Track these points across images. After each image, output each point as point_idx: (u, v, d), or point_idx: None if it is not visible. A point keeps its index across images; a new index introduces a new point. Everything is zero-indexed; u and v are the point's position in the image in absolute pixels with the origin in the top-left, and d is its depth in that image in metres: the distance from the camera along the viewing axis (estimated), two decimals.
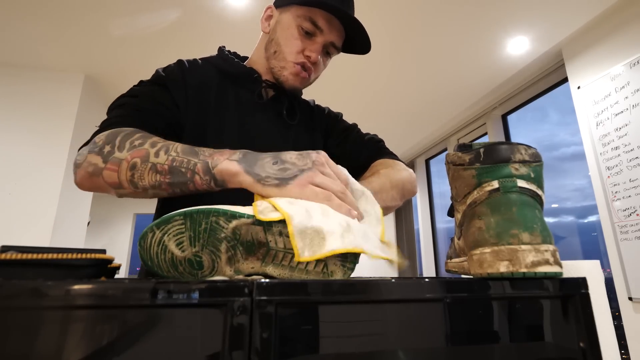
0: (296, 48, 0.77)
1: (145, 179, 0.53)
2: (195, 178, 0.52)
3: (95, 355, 0.29)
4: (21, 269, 0.35)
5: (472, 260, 0.42)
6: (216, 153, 0.52)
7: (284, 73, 0.79)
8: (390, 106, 3.22)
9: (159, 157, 0.53)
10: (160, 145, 0.54)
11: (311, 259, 0.40)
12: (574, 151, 2.68)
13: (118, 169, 0.54)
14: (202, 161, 0.52)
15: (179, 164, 0.52)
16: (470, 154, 0.44)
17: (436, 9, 2.11)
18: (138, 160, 0.53)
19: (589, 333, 0.38)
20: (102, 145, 0.57)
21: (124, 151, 0.55)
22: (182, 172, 0.52)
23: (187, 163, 0.52)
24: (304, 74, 0.79)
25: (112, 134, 0.58)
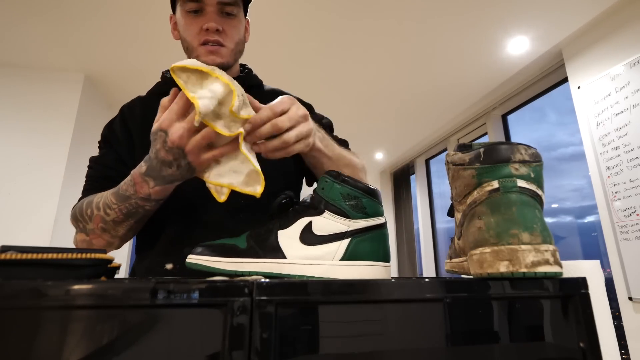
0: (193, 31, 0.76)
1: (119, 230, 0.67)
2: (146, 208, 0.63)
3: (95, 355, 0.29)
4: (21, 269, 0.35)
5: (472, 260, 0.42)
6: (137, 185, 0.62)
7: (201, 59, 0.76)
8: (390, 106, 3.22)
9: (110, 215, 0.65)
10: (102, 205, 0.66)
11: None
12: (572, 151, 2.68)
13: (97, 235, 0.68)
14: (136, 199, 0.62)
15: (127, 210, 0.64)
16: (470, 154, 0.44)
17: (436, 9, 2.11)
18: (102, 225, 0.67)
19: (589, 333, 0.38)
20: (76, 224, 0.72)
21: (89, 223, 0.68)
22: (134, 212, 0.64)
23: (130, 206, 0.63)
24: (214, 48, 0.76)
25: (76, 211, 0.72)
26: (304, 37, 2.34)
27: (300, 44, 2.42)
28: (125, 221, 0.65)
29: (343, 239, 0.45)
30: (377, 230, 0.47)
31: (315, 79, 2.81)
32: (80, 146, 2.60)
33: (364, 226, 0.46)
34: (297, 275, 0.43)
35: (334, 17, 2.18)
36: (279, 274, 0.44)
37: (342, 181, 0.47)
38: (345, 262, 0.44)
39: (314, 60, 2.57)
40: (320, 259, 0.44)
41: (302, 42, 2.39)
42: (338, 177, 0.47)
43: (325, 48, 2.45)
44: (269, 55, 2.50)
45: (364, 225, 0.46)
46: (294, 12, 2.13)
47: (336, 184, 0.47)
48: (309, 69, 2.69)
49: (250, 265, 0.45)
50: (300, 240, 0.46)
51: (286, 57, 2.54)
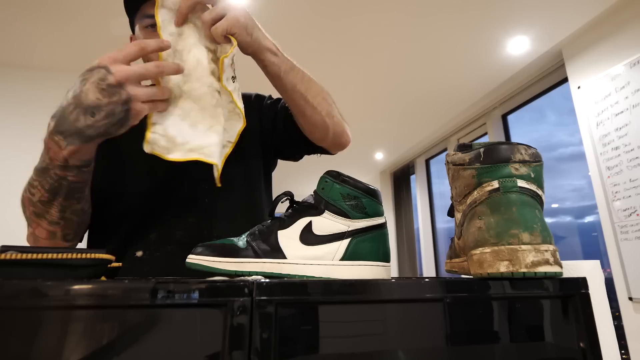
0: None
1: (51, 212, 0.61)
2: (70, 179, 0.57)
3: (95, 355, 0.29)
4: (21, 269, 0.35)
5: (472, 260, 0.42)
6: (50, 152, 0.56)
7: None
8: (390, 106, 3.22)
9: (35, 194, 0.59)
10: (27, 184, 0.62)
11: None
12: (572, 152, 2.68)
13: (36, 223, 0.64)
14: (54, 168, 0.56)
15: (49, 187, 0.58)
16: (470, 154, 0.44)
17: (436, 9, 2.11)
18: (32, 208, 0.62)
19: (589, 333, 0.38)
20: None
21: (25, 210, 0.65)
22: (57, 186, 0.57)
23: (52, 180, 0.57)
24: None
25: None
26: (303, 37, 2.34)
27: (299, 44, 2.42)
28: (53, 200, 0.58)
29: (343, 239, 0.45)
30: (377, 230, 0.47)
31: (315, 79, 2.80)
32: None
33: (364, 226, 0.46)
34: (297, 275, 0.43)
35: (334, 17, 2.18)
36: (279, 274, 0.44)
37: (342, 181, 0.47)
38: (345, 262, 0.44)
39: (313, 60, 2.57)
40: (320, 259, 0.44)
41: (301, 42, 2.39)
42: (338, 177, 0.47)
43: (325, 48, 2.45)
44: None
45: (364, 225, 0.46)
46: (293, 12, 2.13)
47: (336, 184, 0.47)
48: (308, 69, 2.68)
49: (250, 265, 0.45)
50: (300, 240, 0.45)
51: None
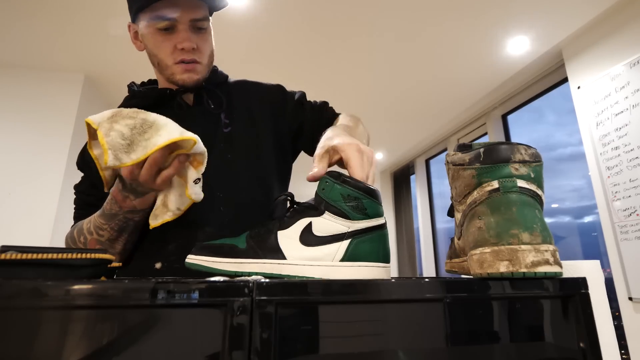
0: (168, 50, 0.75)
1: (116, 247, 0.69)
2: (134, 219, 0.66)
3: (95, 355, 0.28)
4: (21, 269, 0.35)
5: (472, 260, 0.42)
6: (120, 202, 0.64)
7: (177, 77, 0.77)
8: (391, 106, 3.22)
9: (103, 236, 0.67)
10: (93, 228, 0.68)
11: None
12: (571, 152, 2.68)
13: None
14: (123, 214, 0.65)
15: (118, 228, 0.66)
16: (470, 154, 0.44)
17: (436, 9, 2.11)
18: (99, 246, 0.68)
19: (589, 333, 0.38)
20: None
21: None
22: (125, 227, 0.66)
23: (121, 222, 0.66)
24: (190, 66, 0.77)
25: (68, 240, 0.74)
26: (302, 37, 2.34)
27: (299, 44, 2.42)
28: (120, 237, 0.67)
29: (343, 240, 0.45)
30: (377, 231, 0.47)
31: (315, 79, 2.81)
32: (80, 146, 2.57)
33: (364, 227, 0.46)
34: (297, 276, 0.43)
35: (333, 18, 2.18)
36: (279, 274, 0.44)
37: (343, 182, 0.47)
38: (345, 263, 0.44)
39: (313, 60, 2.57)
40: (320, 259, 0.44)
41: (301, 42, 2.39)
42: (339, 178, 0.47)
43: (325, 48, 2.45)
44: (268, 56, 2.50)
45: (364, 226, 0.46)
46: (293, 12, 2.13)
47: (337, 184, 0.46)
48: (308, 69, 2.69)
49: (249, 266, 0.45)
50: (300, 241, 0.45)
51: (285, 58, 2.54)
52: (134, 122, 0.54)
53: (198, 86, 0.81)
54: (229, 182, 0.76)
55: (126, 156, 0.53)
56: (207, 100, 0.83)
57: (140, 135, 0.53)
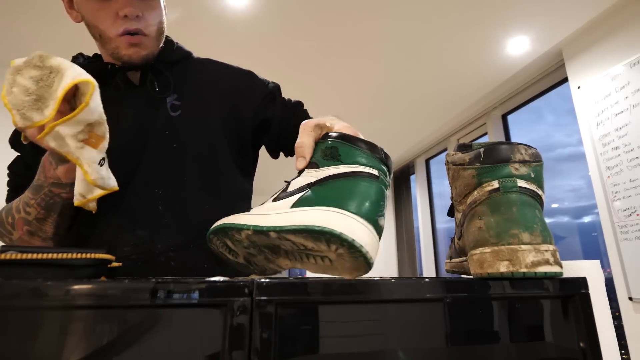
0: (108, 19, 0.65)
1: (46, 230, 0.62)
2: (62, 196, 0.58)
3: (95, 355, 0.29)
4: (21, 269, 0.35)
5: (472, 260, 0.42)
6: (45, 171, 0.57)
7: (121, 52, 0.67)
8: (390, 106, 3.22)
9: (30, 213, 0.60)
10: (21, 206, 0.61)
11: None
12: (570, 152, 2.68)
13: (26, 241, 0.63)
14: (48, 185, 0.58)
15: (45, 203, 0.59)
16: (470, 154, 0.44)
17: (436, 9, 2.11)
18: (27, 227, 0.61)
19: (589, 333, 0.38)
20: (2, 239, 0.67)
21: (13, 232, 0.63)
22: (52, 203, 0.59)
23: (47, 196, 0.59)
24: (136, 39, 0.66)
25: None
26: (302, 37, 2.34)
27: (299, 44, 2.42)
28: (48, 216, 0.60)
29: (306, 189, 0.41)
30: (351, 177, 0.40)
31: (315, 79, 2.81)
32: None
33: (331, 174, 0.41)
34: (248, 225, 0.41)
35: (333, 17, 2.18)
36: (233, 224, 0.43)
37: (325, 136, 0.45)
38: (295, 208, 0.40)
39: (313, 60, 2.57)
40: (277, 209, 0.42)
41: (301, 42, 2.39)
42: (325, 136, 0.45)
43: (324, 48, 2.45)
44: (267, 55, 2.50)
45: (331, 172, 0.41)
46: (293, 12, 2.13)
47: (320, 142, 0.45)
48: (308, 69, 2.68)
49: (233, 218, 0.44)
50: (272, 200, 0.44)
51: (285, 57, 2.54)
52: (41, 72, 0.45)
53: (147, 63, 0.71)
54: (171, 177, 0.67)
55: (37, 114, 0.44)
56: (150, 81, 0.72)
57: (49, 88, 0.45)
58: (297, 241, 0.39)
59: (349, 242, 0.36)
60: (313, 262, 0.41)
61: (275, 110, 0.79)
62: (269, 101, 0.80)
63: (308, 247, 0.39)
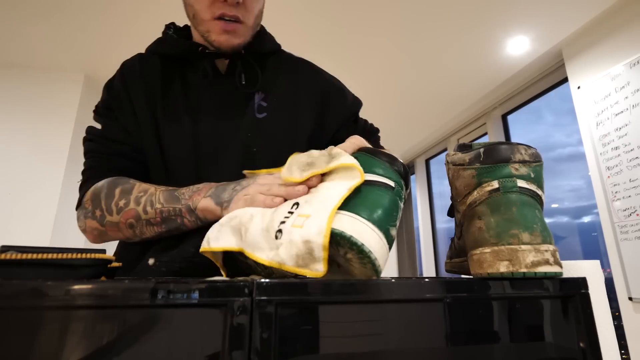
0: (206, 1, 0.62)
1: (145, 232, 0.58)
2: (185, 221, 0.55)
3: (95, 355, 0.29)
4: (21, 269, 0.35)
5: (472, 260, 0.42)
6: (195, 193, 0.55)
7: (212, 37, 0.64)
8: (390, 106, 3.22)
9: (148, 213, 0.56)
10: (145, 200, 0.57)
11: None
12: (569, 152, 2.68)
13: (118, 229, 0.59)
14: (184, 205, 0.54)
15: (167, 214, 0.55)
16: (470, 154, 0.44)
17: (436, 9, 2.11)
18: (132, 221, 0.57)
19: (589, 333, 0.38)
20: (92, 210, 0.61)
21: (114, 214, 0.58)
22: (172, 220, 0.56)
23: (174, 211, 0.55)
24: (230, 26, 0.63)
25: (94, 196, 0.61)
26: (303, 37, 2.34)
27: (299, 44, 2.42)
28: (158, 226, 0.56)
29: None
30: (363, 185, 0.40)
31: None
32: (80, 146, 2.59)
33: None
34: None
35: (333, 17, 2.18)
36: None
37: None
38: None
39: (312, 60, 2.57)
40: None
41: (301, 42, 2.39)
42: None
43: (324, 48, 2.45)
44: None
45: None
46: (293, 12, 2.13)
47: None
48: None
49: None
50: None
51: None
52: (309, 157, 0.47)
53: (236, 52, 0.67)
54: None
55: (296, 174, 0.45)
56: (239, 73, 0.68)
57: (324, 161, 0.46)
58: None
59: (358, 245, 0.36)
60: None
61: (354, 132, 0.79)
62: (352, 122, 0.78)
63: None
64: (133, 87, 0.68)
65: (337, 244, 0.37)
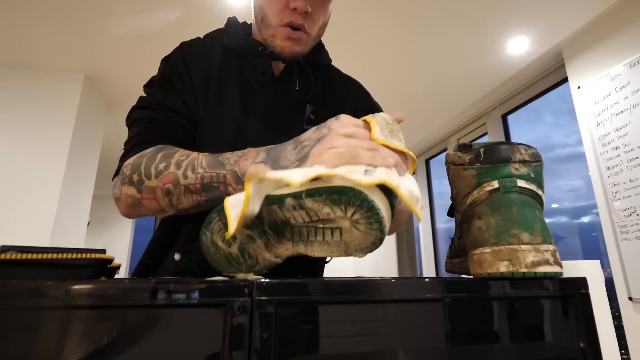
0: (278, 6, 0.64)
1: (183, 201, 0.53)
2: (229, 189, 0.50)
3: (95, 355, 0.28)
4: (21, 269, 0.35)
5: (472, 260, 0.42)
6: (241, 158, 0.50)
7: (276, 42, 0.66)
8: (390, 106, 3.22)
9: (188, 177, 0.52)
10: (186, 164, 0.53)
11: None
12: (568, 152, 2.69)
13: (154, 196, 0.54)
14: (230, 171, 0.50)
15: (209, 180, 0.51)
16: (470, 154, 0.44)
17: (436, 9, 2.11)
18: (170, 186, 0.53)
19: (589, 333, 0.38)
20: (130, 175, 0.57)
21: (152, 178, 0.54)
22: (215, 187, 0.51)
23: (217, 177, 0.50)
24: (296, 34, 0.65)
25: (136, 160, 0.58)
26: None
27: None
28: (198, 193, 0.52)
29: None
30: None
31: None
32: (80, 146, 2.60)
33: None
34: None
35: (333, 17, 2.18)
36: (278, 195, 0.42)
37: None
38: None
39: None
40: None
41: None
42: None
43: None
44: None
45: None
46: None
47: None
48: None
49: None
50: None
51: None
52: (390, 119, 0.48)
53: (294, 59, 0.69)
54: None
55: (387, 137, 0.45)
56: (295, 79, 0.70)
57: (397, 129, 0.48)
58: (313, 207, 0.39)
59: (368, 202, 0.37)
60: (320, 239, 0.41)
61: None
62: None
63: (322, 215, 0.39)
64: (193, 64, 0.69)
65: (347, 203, 0.37)
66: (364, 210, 0.37)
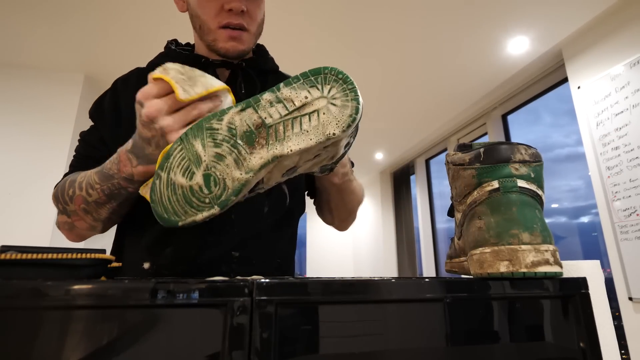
0: (213, 10, 0.66)
1: (102, 213, 0.61)
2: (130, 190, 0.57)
3: (95, 355, 0.29)
4: (21, 269, 0.35)
5: (472, 260, 0.42)
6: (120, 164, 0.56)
7: (219, 45, 0.68)
8: (391, 106, 3.22)
9: (92, 195, 0.59)
10: (85, 185, 0.60)
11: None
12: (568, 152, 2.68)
13: (79, 217, 0.62)
14: (119, 179, 0.56)
15: (110, 191, 0.58)
16: (470, 154, 0.44)
17: (436, 9, 2.11)
18: (84, 206, 0.60)
19: (589, 333, 0.38)
20: (56, 205, 0.65)
21: (70, 204, 0.61)
22: (117, 194, 0.57)
23: (113, 186, 0.57)
24: (236, 33, 0.67)
25: (56, 192, 0.65)
26: (303, 36, 2.34)
27: (300, 43, 2.42)
28: (108, 203, 0.59)
29: None
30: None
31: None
32: None
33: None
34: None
35: (333, 17, 2.18)
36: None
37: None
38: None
39: (312, 60, 2.57)
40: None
41: (302, 41, 2.39)
42: None
43: (325, 47, 2.45)
44: None
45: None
46: (292, 13, 2.13)
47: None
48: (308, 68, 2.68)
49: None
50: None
51: (286, 56, 2.54)
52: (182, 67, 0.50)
53: (241, 58, 0.72)
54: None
55: (191, 89, 0.47)
56: (240, 83, 0.72)
57: (193, 72, 0.49)
58: (291, 96, 0.41)
59: (343, 74, 0.41)
60: (297, 130, 0.41)
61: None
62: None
63: (299, 102, 0.41)
64: (126, 97, 0.71)
65: (324, 80, 0.40)
66: (339, 84, 0.40)
